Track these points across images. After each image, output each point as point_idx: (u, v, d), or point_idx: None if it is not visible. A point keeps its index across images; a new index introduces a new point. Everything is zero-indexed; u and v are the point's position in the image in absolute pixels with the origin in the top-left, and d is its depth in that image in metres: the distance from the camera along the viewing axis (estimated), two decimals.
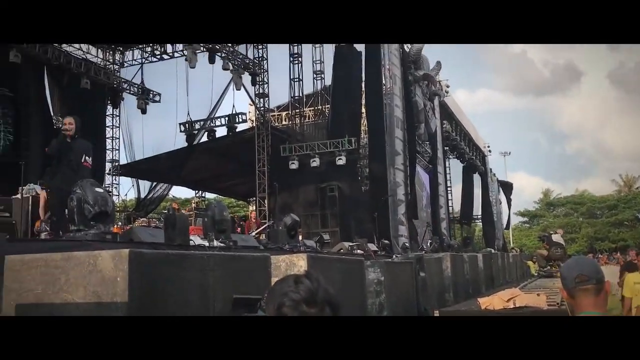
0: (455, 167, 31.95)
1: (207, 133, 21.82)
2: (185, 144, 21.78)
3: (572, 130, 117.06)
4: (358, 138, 19.24)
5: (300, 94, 21.98)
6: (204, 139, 21.90)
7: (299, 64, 21.59)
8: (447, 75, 56.79)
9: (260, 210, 20.27)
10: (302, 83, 21.79)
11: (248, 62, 20.13)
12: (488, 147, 37.92)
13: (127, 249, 3.24)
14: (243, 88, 20.15)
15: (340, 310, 1.47)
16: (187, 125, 21.64)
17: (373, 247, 13.20)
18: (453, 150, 30.80)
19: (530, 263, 21.77)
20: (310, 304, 1.41)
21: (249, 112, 25.58)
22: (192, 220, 14.58)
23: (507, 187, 41.21)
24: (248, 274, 4.27)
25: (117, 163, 21.73)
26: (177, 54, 20.66)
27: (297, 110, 22.29)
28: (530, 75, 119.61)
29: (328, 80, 22.06)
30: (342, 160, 18.16)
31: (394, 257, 10.85)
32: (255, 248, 8.46)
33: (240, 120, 22.00)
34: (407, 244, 16.14)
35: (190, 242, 6.26)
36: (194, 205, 21.54)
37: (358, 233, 15.90)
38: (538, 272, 18.17)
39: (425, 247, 16.73)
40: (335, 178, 18.74)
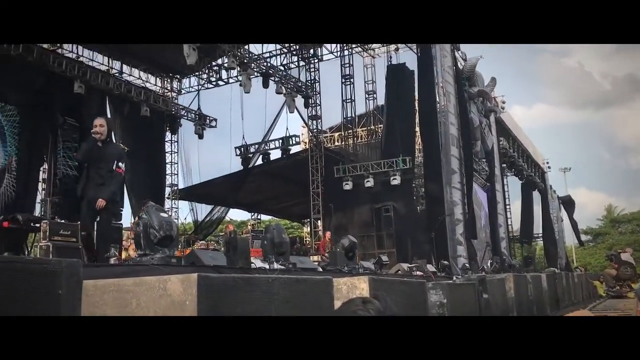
0: (514, 184, 31.17)
1: (261, 156, 22.16)
2: (241, 167, 22.17)
3: (636, 143, 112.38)
4: (413, 157, 19.07)
5: (353, 115, 22.02)
6: (259, 162, 22.25)
7: (351, 85, 21.67)
8: (502, 91, 55.81)
9: (315, 232, 20.28)
10: (354, 104, 21.85)
11: (301, 85, 20.36)
12: (547, 163, 36.87)
13: (195, 274, 3.27)
14: (296, 111, 20.38)
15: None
16: (242, 149, 22.04)
17: (432, 268, 12.95)
18: (511, 168, 30.07)
19: (597, 283, 20.83)
20: None
21: (302, 134, 25.82)
22: (249, 243, 14.72)
23: (569, 203, 39.83)
24: (311, 297, 4.25)
25: (175, 187, 22.26)
26: (232, 80, 21.11)
27: (349, 131, 22.31)
28: (589, 88, 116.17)
29: (380, 100, 22.07)
30: (396, 180, 18.01)
31: (455, 278, 10.59)
32: (314, 270, 8.44)
33: (294, 143, 22.26)
34: (467, 265, 15.76)
35: (252, 264, 6.29)
36: (250, 228, 21.76)
37: (415, 254, 15.65)
38: (606, 292, 17.36)
39: (486, 267, 16.29)
40: (390, 198, 18.57)
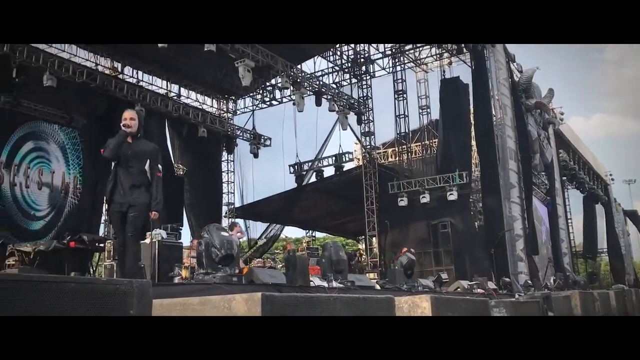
0: (575, 198, 30.12)
1: (315, 173, 22.26)
2: (295, 185, 22.34)
3: None
4: (469, 172, 18.73)
5: (406, 130, 21.87)
6: (313, 179, 22.34)
7: (404, 100, 21.56)
8: (560, 103, 54.15)
9: (371, 249, 20.15)
10: (407, 119, 21.71)
11: (353, 102, 20.41)
12: (610, 175, 35.42)
13: (259, 293, 3.30)
14: (349, 128, 20.40)
15: None
16: (296, 167, 22.23)
17: (492, 285, 12.61)
18: (572, 180, 29.07)
19: None
20: None
21: (355, 150, 25.82)
22: (307, 261, 14.76)
23: (635, 217, 38.11)
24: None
25: (232, 206, 22.63)
26: (285, 99, 21.43)
27: (403, 147, 22.16)
28: None
29: (434, 115, 21.87)
30: (453, 196, 17.72)
31: (517, 295, 10.27)
32: (372, 288, 8.36)
33: (347, 159, 22.26)
34: (529, 282, 15.26)
35: (310, 282, 6.29)
36: (306, 245, 21.85)
37: (474, 271, 15.29)
38: None
39: (549, 284, 15.73)
40: (447, 214, 18.26)
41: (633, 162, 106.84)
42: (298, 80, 17.58)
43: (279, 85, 19.58)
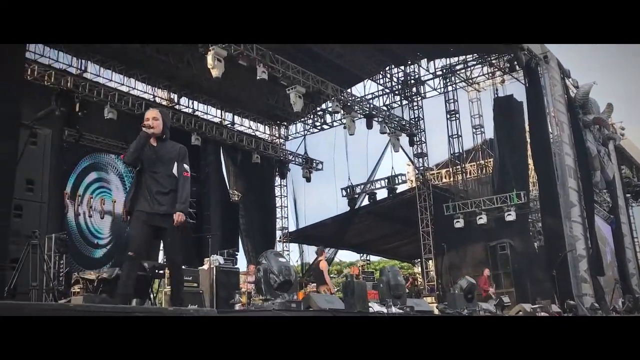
0: None
1: (367, 196, 22.18)
2: (348, 208, 22.31)
3: None
4: (527, 191, 18.25)
5: (460, 150, 21.55)
6: (365, 202, 22.28)
7: (457, 120, 21.31)
8: (620, 117, 52.33)
9: (428, 272, 19.82)
10: (461, 139, 21.40)
11: (405, 123, 20.32)
12: None
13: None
14: (401, 149, 20.26)
15: None
16: (348, 190, 22.22)
17: (556, 308, 12.14)
18: (636, 197, 27.87)
19: None
20: None
21: (408, 172, 25.63)
22: (366, 287, 14.65)
23: None
24: None
25: (286, 230, 22.78)
26: (336, 123, 21.56)
27: (458, 167, 21.83)
28: None
29: (489, 134, 21.46)
30: (511, 216, 17.28)
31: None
32: (430, 312, 8.20)
33: (400, 181, 22.10)
34: (595, 304, 14.62)
35: (369, 308, 6.23)
36: (360, 269, 21.69)
37: (536, 293, 14.78)
38: None
39: (617, 307, 15.02)
40: (506, 235, 17.80)
41: None
42: (348, 104, 17.66)
43: (330, 110, 19.72)
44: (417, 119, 21.12)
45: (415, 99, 21.44)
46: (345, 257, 36.61)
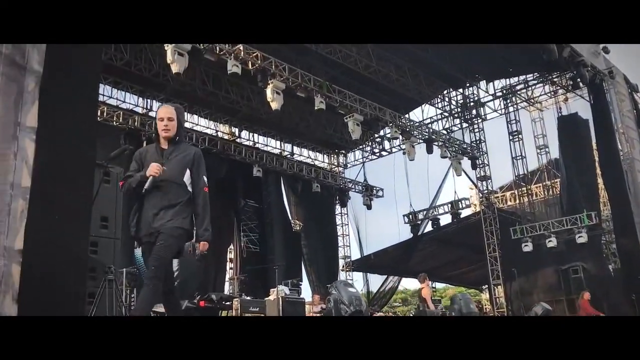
0: None
1: (431, 222, 21.81)
2: (411, 235, 22.00)
3: None
4: (598, 211, 17.48)
5: (525, 172, 20.96)
6: (429, 228, 21.91)
7: (520, 141, 20.78)
8: None
9: (497, 299, 19.20)
10: (525, 160, 20.82)
11: (466, 146, 20.01)
12: None
13: None
14: (463, 173, 19.93)
15: None
16: (410, 216, 21.93)
17: None
18: None
19: None
20: None
21: (471, 196, 25.10)
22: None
23: None
24: None
25: (349, 259, 22.67)
26: (395, 149, 21.47)
27: (523, 189, 21.22)
28: None
29: (554, 154, 20.82)
30: (583, 238, 16.56)
31: None
32: None
33: (464, 206, 21.61)
34: None
35: None
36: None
37: None
38: None
39: None
40: (578, 258, 17.05)
41: None
42: (407, 129, 17.58)
43: (388, 136, 19.70)
44: (478, 142, 20.75)
45: (476, 121, 21.11)
46: (410, 284, 35.97)
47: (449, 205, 21.41)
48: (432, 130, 19.09)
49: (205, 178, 3.94)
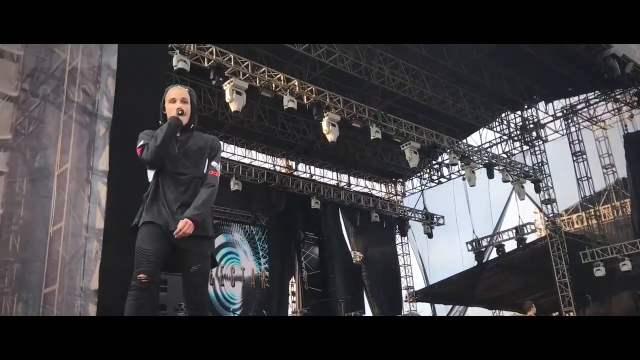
0: None
1: (495, 249, 21.21)
2: (475, 263, 21.43)
3: None
4: None
5: (591, 193, 20.16)
6: (494, 255, 21.29)
7: (584, 162, 20.06)
8: None
9: None
10: (591, 181, 20.03)
11: (528, 170, 19.48)
12: None
13: None
14: (527, 197, 19.38)
15: None
16: (474, 243, 21.41)
17: None
18: None
19: None
20: None
21: (536, 220, 24.26)
22: None
23: None
24: None
25: (412, 289, 22.26)
26: (454, 175, 21.14)
27: (590, 211, 20.39)
28: None
29: (622, 173, 19.98)
30: None
31: None
32: None
33: (529, 231, 20.93)
34: None
35: None
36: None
37: None
38: None
39: None
40: None
41: None
42: (466, 155, 17.30)
43: (447, 162, 19.44)
44: (540, 164, 20.16)
45: (537, 144, 20.56)
46: (477, 313, 34.87)
47: (514, 231, 20.80)
48: (491, 155, 18.71)
49: (218, 165, 3.39)
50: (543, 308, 25.63)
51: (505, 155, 20.03)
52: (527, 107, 20.36)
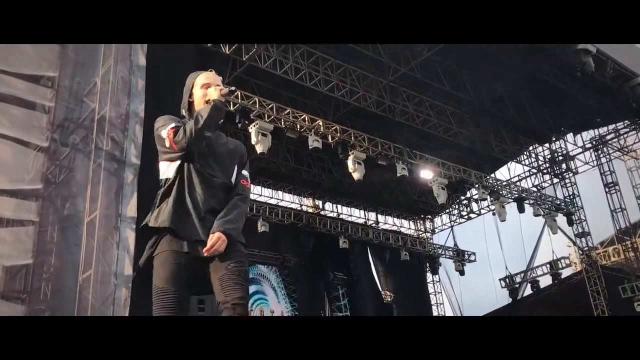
0: None
1: (530, 284, 20.70)
2: (510, 300, 20.89)
3: None
4: None
5: (627, 224, 19.63)
6: (528, 291, 20.76)
7: (617, 192, 19.61)
8: None
9: None
10: (625, 212, 19.54)
11: (559, 203, 19.10)
12: None
13: None
14: (559, 230, 18.95)
15: None
16: (507, 280, 20.93)
17: None
18: None
19: None
20: None
21: (571, 254, 23.65)
22: None
23: None
24: None
25: None
26: (484, 210, 20.82)
27: (627, 243, 19.80)
28: None
29: None
30: None
31: None
32: None
33: (564, 265, 20.41)
34: None
35: None
36: None
37: None
38: None
39: None
40: None
41: None
42: (495, 189, 17.06)
43: (476, 197, 19.17)
44: (572, 197, 19.76)
45: (567, 176, 20.20)
46: None
47: (548, 266, 20.30)
48: (521, 189, 18.43)
49: (248, 173, 2.92)
50: None
51: (535, 189, 19.70)
52: (554, 139, 20.10)
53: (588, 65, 12.41)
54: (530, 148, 20.28)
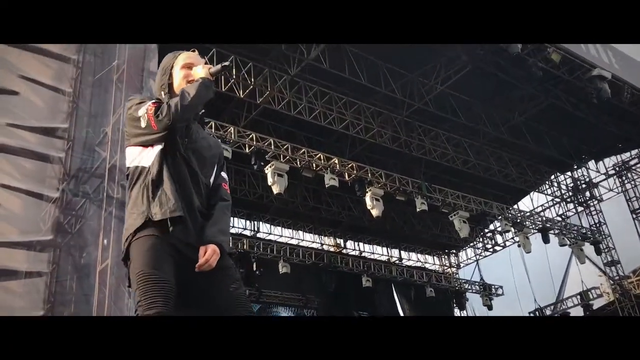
0: None
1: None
2: None
3: None
4: None
5: None
6: None
7: None
8: None
9: None
10: None
11: (585, 231, 18.69)
12: None
13: None
14: (587, 260, 18.48)
15: None
16: (537, 313, 20.33)
17: None
18: None
19: None
20: None
21: (602, 284, 22.97)
22: None
23: None
24: None
25: None
26: (508, 242, 20.44)
27: None
28: None
29: None
30: None
31: None
32: None
33: (595, 296, 19.79)
34: None
35: None
36: None
37: None
38: None
39: None
40: None
41: None
42: (518, 221, 16.77)
43: (500, 230, 18.85)
44: (598, 225, 19.34)
45: (592, 204, 19.81)
46: None
47: (578, 297, 19.71)
48: (545, 219, 18.09)
49: (226, 175, 2.58)
50: None
51: (560, 218, 19.33)
52: (576, 167, 19.80)
53: (604, 92, 12.28)
54: (552, 177, 19.99)
